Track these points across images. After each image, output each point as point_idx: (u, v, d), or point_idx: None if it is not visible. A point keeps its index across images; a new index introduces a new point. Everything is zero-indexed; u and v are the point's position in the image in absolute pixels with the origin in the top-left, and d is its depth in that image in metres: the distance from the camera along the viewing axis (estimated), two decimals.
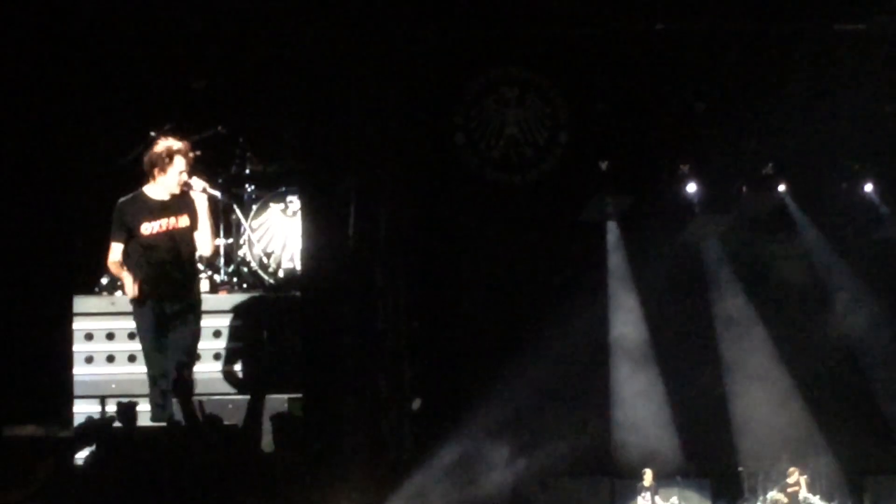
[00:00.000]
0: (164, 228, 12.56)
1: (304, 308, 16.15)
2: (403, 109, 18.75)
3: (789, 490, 21.27)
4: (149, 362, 12.82)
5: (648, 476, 21.42)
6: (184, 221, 12.61)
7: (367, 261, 17.80)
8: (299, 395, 15.72)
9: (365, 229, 17.65)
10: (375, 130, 17.86)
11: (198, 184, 12.72)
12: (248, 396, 13.60)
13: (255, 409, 13.07)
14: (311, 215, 16.70)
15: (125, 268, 12.54)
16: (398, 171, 18.83)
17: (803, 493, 21.25)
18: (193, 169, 12.79)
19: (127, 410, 13.12)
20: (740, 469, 21.95)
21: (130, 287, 12.53)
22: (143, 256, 12.52)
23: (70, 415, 14.64)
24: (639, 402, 21.81)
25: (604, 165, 19.87)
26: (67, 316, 14.84)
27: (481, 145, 19.99)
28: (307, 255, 16.73)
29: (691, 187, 20.31)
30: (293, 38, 16.76)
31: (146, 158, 12.70)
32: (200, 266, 14.22)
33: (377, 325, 17.91)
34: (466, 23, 18.94)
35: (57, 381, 14.41)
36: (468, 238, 20.97)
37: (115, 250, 12.60)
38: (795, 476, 21.26)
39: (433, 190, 20.15)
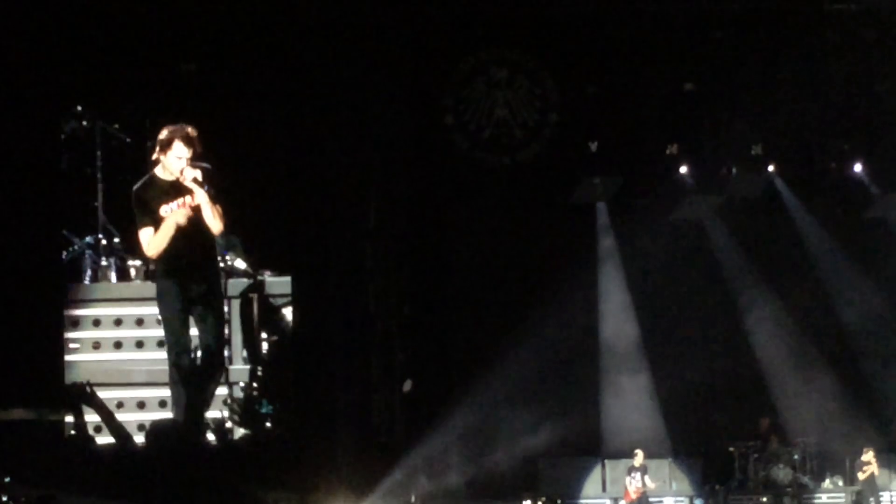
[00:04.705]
0: (181, 207, 12.55)
1: (295, 292, 16.12)
2: (393, 91, 18.73)
3: (865, 468, 21.27)
4: (175, 340, 12.65)
5: (640, 457, 21.45)
6: (197, 199, 12.61)
7: (358, 244, 17.80)
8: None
9: (355, 212, 17.64)
10: (365, 112, 17.84)
11: (189, 173, 12.62)
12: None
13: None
14: (303, 199, 16.71)
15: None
16: (388, 153, 18.81)
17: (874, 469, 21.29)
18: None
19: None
20: (731, 449, 22.02)
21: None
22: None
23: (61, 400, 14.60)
24: (629, 384, 21.85)
25: (593, 147, 19.87)
26: (59, 302, 14.81)
27: (471, 127, 19.96)
28: (299, 239, 16.74)
29: (681, 168, 20.33)
30: (282, 22, 16.73)
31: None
32: None
33: (368, 309, 17.92)
34: (456, 4, 18.93)
35: (48, 367, 14.39)
36: (458, 220, 20.97)
37: (147, 236, 12.46)
38: (870, 455, 21.24)
39: (423, 171, 20.13)
